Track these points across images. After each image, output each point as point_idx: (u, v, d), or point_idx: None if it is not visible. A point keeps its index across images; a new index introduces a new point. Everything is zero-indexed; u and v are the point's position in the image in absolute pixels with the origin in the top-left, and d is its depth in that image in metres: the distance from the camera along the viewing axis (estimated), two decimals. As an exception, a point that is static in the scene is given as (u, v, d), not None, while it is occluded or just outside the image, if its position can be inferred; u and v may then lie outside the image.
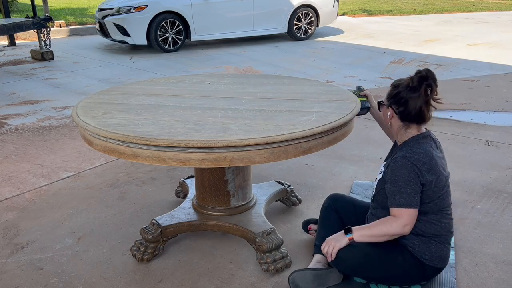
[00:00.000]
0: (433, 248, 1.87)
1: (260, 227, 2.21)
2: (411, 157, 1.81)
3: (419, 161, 1.80)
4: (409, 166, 1.79)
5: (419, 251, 1.87)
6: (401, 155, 1.83)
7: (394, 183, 1.82)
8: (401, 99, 1.86)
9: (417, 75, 1.84)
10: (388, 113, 1.93)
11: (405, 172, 1.80)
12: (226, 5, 8.14)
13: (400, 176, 1.80)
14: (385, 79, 5.90)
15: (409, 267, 1.87)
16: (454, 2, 16.85)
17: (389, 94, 1.92)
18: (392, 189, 1.83)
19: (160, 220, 2.29)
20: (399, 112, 1.88)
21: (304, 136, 1.77)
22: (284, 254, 2.16)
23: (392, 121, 1.93)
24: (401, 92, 1.86)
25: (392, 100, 1.90)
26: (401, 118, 1.89)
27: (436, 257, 1.88)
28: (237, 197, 2.35)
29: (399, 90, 1.87)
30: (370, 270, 1.90)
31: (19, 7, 12.87)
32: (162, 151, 1.71)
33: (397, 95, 1.87)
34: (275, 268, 2.11)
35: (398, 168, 1.82)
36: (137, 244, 2.25)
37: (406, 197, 1.79)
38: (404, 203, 1.80)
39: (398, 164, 1.82)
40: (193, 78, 2.71)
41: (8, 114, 4.58)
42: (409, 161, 1.80)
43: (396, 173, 1.82)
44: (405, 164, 1.81)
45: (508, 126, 4.04)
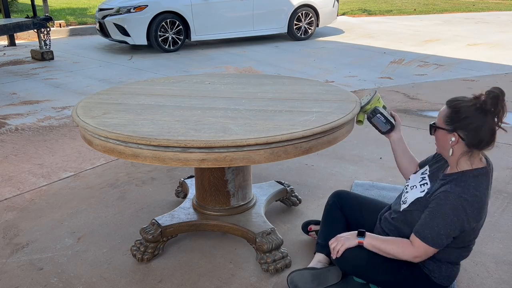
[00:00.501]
0: (443, 268, 1.83)
1: (260, 227, 2.22)
2: (465, 199, 1.63)
3: (472, 206, 1.63)
4: (458, 209, 1.63)
5: (429, 269, 1.83)
6: (456, 193, 1.65)
7: (433, 217, 1.67)
8: (471, 124, 1.63)
9: (490, 95, 1.61)
10: (452, 138, 1.68)
11: (450, 214, 1.64)
12: (226, 5, 8.14)
13: (443, 215, 1.65)
14: (385, 79, 5.90)
15: (413, 279, 1.84)
16: (454, 2, 16.85)
17: (451, 117, 1.68)
18: (427, 220, 1.69)
19: (160, 220, 2.29)
20: (467, 139, 1.66)
21: (304, 136, 1.76)
22: (284, 254, 2.16)
23: (454, 148, 1.71)
24: (470, 117, 1.63)
25: (457, 125, 1.66)
26: (468, 144, 1.67)
27: (445, 276, 1.84)
28: (237, 197, 2.35)
29: (467, 114, 1.64)
30: (372, 274, 1.87)
31: (19, 7, 12.87)
32: (162, 151, 1.71)
33: (465, 120, 1.64)
34: (275, 268, 2.11)
35: (445, 206, 1.65)
36: (137, 244, 2.25)
37: (435, 236, 1.67)
38: (430, 240, 1.68)
39: (448, 202, 1.65)
40: (193, 78, 2.71)
41: (8, 114, 4.58)
42: (461, 205, 1.63)
43: (440, 209, 1.66)
44: (455, 205, 1.63)
45: (508, 126, 4.04)
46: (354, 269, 1.89)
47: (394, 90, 5.33)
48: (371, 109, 2.05)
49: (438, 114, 1.75)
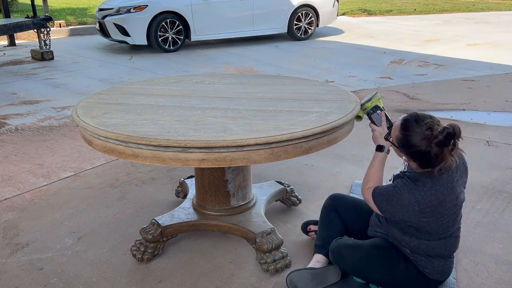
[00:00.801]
0: (435, 263, 1.86)
1: (260, 227, 2.22)
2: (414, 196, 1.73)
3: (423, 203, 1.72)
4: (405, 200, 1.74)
5: (422, 265, 1.86)
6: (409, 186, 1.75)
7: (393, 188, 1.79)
8: (420, 153, 1.72)
9: (443, 132, 1.66)
10: (403, 157, 1.83)
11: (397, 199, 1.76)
12: (226, 5, 8.14)
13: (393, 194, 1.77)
14: (385, 79, 5.90)
15: (410, 276, 1.86)
16: (454, 2, 16.85)
17: (402, 143, 1.77)
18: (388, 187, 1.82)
19: (160, 220, 2.29)
20: (418, 162, 1.76)
21: (304, 136, 1.76)
22: (284, 254, 2.16)
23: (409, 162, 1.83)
24: (420, 147, 1.71)
25: (407, 151, 1.77)
26: (421, 166, 1.77)
27: (439, 271, 1.87)
28: (237, 197, 2.35)
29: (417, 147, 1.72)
30: (370, 271, 1.90)
31: (19, 7, 12.87)
32: (162, 151, 1.71)
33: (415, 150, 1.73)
34: (275, 268, 2.11)
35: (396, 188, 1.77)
36: (137, 244, 2.25)
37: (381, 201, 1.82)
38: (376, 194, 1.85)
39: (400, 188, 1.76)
40: (193, 78, 2.71)
41: (8, 114, 4.58)
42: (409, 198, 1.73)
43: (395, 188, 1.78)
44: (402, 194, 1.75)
45: (508, 126, 4.04)
46: (352, 267, 1.92)
47: (394, 90, 5.33)
48: (371, 106, 2.07)
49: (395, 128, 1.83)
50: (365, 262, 1.88)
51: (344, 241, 1.98)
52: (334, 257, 1.96)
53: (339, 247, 1.94)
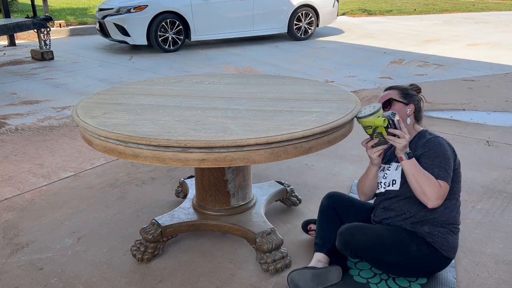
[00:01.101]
0: (450, 239, 1.91)
1: (260, 227, 2.22)
2: (441, 138, 1.95)
3: (448, 145, 1.93)
4: (443, 145, 1.91)
5: (438, 242, 1.90)
6: (432, 137, 1.95)
7: (434, 158, 1.88)
8: (416, 99, 2.05)
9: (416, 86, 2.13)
10: (408, 109, 2.01)
11: (442, 150, 1.89)
12: (226, 5, 8.14)
13: (439, 153, 1.88)
14: (385, 79, 5.90)
15: (422, 257, 1.89)
16: (454, 2, 16.85)
17: (404, 94, 2.05)
18: (431, 162, 1.87)
19: (160, 220, 2.29)
20: (417, 109, 2.04)
21: (304, 136, 1.76)
22: (284, 254, 2.17)
23: (411, 117, 2.02)
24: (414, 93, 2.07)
25: (410, 99, 2.03)
26: (416, 116, 2.05)
27: (452, 248, 1.92)
28: (237, 197, 2.35)
29: (411, 91, 2.07)
30: (381, 252, 1.89)
31: (19, 7, 12.87)
32: (162, 151, 1.71)
33: (413, 96, 2.06)
34: (275, 268, 2.11)
35: (435, 147, 1.90)
36: (137, 244, 2.25)
37: (443, 171, 1.85)
38: (443, 176, 1.85)
39: (435, 143, 1.91)
40: (193, 78, 2.71)
41: (8, 114, 4.58)
42: (441, 142, 1.92)
43: (433, 152, 1.89)
44: (440, 143, 1.91)
45: (508, 126, 4.04)
46: (363, 248, 1.90)
47: (394, 90, 5.33)
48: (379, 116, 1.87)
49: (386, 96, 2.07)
50: (375, 244, 1.89)
51: (354, 224, 1.98)
52: (344, 238, 1.94)
53: (350, 228, 1.94)
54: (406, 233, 1.91)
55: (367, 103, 4.79)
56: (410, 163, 1.85)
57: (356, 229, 1.93)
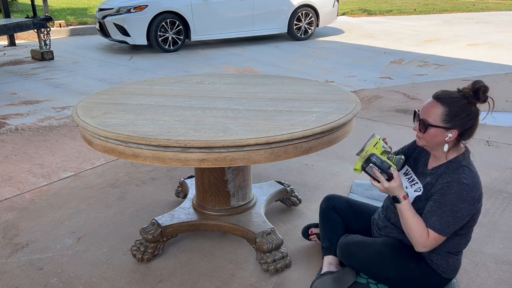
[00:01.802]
0: (450, 261, 1.85)
1: (260, 227, 2.22)
2: (466, 184, 1.67)
3: (474, 187, 1.68)
4: (463, 195, 1.67)
5: (437, 264, 1.84)
6: (456, 180, 1.69)
7: (439, 206, 1.70)
8: (470, 120, 1.69)
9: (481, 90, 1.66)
10: (449, 135, 1.70)
11: (456, 201, 1.67)
12: (226, 5, 8.14)
13: (450, 203, 1.68)
14: (385, 79, 5.90)
15: (421, 275, 1.85)
16: (454, 2, 16.85)
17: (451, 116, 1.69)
18: (434, 210, 1.71)
19: (160, 220, 2.29)
20: (464, 134, 1.72)
21: (304, 136, 1.76)
22: (284, 254, 2.16)
23: (450, 143, 1.74)
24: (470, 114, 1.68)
25: (457, 123, 1.69)
26: (463, 138, 1.73)
27: (452, 269, 1.86)
28: (237, 197, 2.35)
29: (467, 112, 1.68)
30: (379, 268, 1.87)
31: (19, 7, 12.87)
32: (162, 151, 1.71)
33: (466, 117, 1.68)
34: (275, 268, 2.11)
35: (449, 195, 1.68)
36: (137, 244, 2.25)
37: (444, 224, 1.69)
38: (439, 228, 1.70)
39: (452, 191, 1.68)
40: (193, 78, 2.71)
41: (8, 114, 4.58)
42: (464, 190, 1.67)
43: (445, 198, 1.69)
44: (459, 192, 1.67)
45: (508, 126, 4.04)
46: (360, 264, 1.90)
47: (394, 90, 5.33)
48: (366, 156, 1.77)
49: (427, 109, 1.73)
50: (374, 259, 1.86)
51: (353, 237, 1.96)
52: (342, 253, 1.94)
53: (348, 243, 1.93)
54: (406, 249, 1.87)
55: (367, 103, 4.79)
56: (400, 206, 1.76)
57: (354, 245, 1.90)
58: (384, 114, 4.43)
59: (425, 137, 1.76)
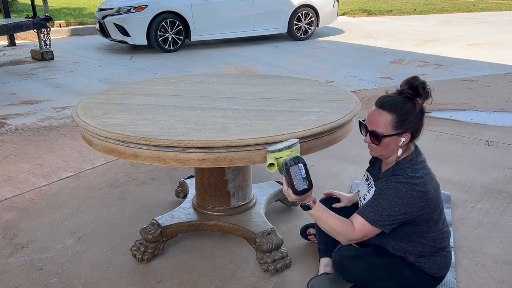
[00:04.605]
0: (438, 260, 1.85)
1: (260, 227, 2.22)
2: (408, 182, 1.68)
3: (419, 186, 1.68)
4: (401, 192, 1.68)
5: (427, 267, 1.84)
6: (396, 179, 1.70)
7: (376, 199, 1.71)
8: (418, 122, 1.71)
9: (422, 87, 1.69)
10: (402, 139, 1.71)
11: (393, 196, 1.68)
12: (226, 5, 8.14)
13: (386, 196, 1.69)
14: (385, 79, 5.90)
15: (418, 281, 1.85)
16: (454, 2, 16.85)
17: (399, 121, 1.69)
18: (371, 201, 1.72)
19: (160, 220, 2.29)
20: (415, 136, 1.74)
21: (304, 136, 1.76)
22: (284, 254, 2.16)
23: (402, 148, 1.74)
24: (416, 117, 1.70)
25: (408, 127, 1.70)
26: (413, 139, 1.74)
27: (442, 267, 1.86)
28: (237, 197, 2.35)
29: (414, 115, 1.69)
30: (376, 281, 1.87)
31: (19, 7, 12.87)
32: (162, 151, 1.71)
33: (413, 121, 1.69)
34: (275, 268, 2.11)
35: (388, 190, 1.70)
36: (137, 244, 2.25)
37: (377, 215, 1.69)
38: (371, 219, 1.69)
39: (391, 186, 1.70)
40: (193, 78, 2.71)
41: (8, 114, 4.58)
42: (404, 188, 1.68)
43: (383, 192, 1.71)
44: (398, 188, 1.68)
45: (508, 126, 4.04)
46: (356, 278, 1.90)
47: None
48: (292, 156, 1.62)
49: (375, 120, 1.71)
50: (369, 272, 1.86)
51: (345, 252, 1.94)
52: (337, 269, 1.94)
53: (341, 258, 1.91)
54: (399, 258, 1.86)
55: (367, 103, 4.79)
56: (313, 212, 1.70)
57: (347, 260, 1.87)
58: (384, 114, 4.42)
59: (379, 148, 1.75)
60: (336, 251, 1.96)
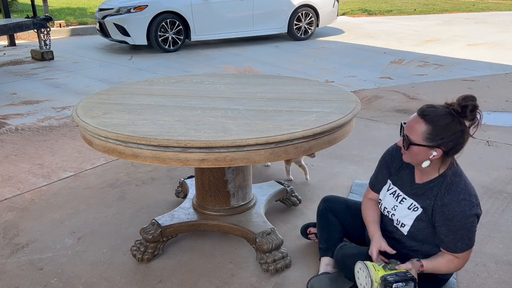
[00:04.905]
0: None
1: (260, 227, 2.22)
2: (464, 199, 1.67)
3: (472, 197, 1.68)
4: (466, 211, 1.66)
5: None
6: (454, 200, 1.68)
7: (455, 232, 1.70)
8: (455, 139, 1.63)
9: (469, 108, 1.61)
10: (434, 153, 1.66)
11: (464, 220, 1.67)
12: (226, 5, 8.14)
13: (461, 225, 1.68)
14: (385, 79, 5.90)
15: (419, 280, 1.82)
16: (454, 2, 16.85)
17: (434, 134, 1.63)
18: (452, 237, 1.71)
19: (160, 220, 2.29)
20: (450, 152, 1.66)
21: (304, 136, 1.76)
22: (284, 254, 2.16)
23: (433, 160, 1.70)
24: (455, 133, 1.62)
25: (441, 142, 1.63)
26: (449, 155, 1.68)
27: None
28: (237, 197, 2.35)
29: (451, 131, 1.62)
30: None
31: (19, 7, 12.87)
32: (162, 151, 1.71)
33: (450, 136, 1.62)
34: (275, 268, 2.11)
35: (456, 218, 1.68)
36: (137, 244, 2.25)
37: (467, 241, 1.71)
38: (466, 247, 1.72)
39: (456, 213, 1.67)
40: (193, 78, 2.71)
41: (8, 114, 4.58)
42: (466, 206, 1.66)
43: (455, 223, 1.69)
44: (462, 210, 1.66)
45: (508, 126, 4.04)
46: None
47: (394, 90, 5.33)
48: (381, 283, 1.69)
49: (411, 126, 1.69)
50: None
51: (347, 249, 1.95)
52: (338, 266, 1.95)
53: (343, 256, 1.92)
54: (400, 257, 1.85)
55: (367, 103, 4.79)
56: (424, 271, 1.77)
57: (349, 258, 1.88)
58: (384, 114, 4.43)
59: (408, 154, 1.74)
60: (338, 249, 1.96)
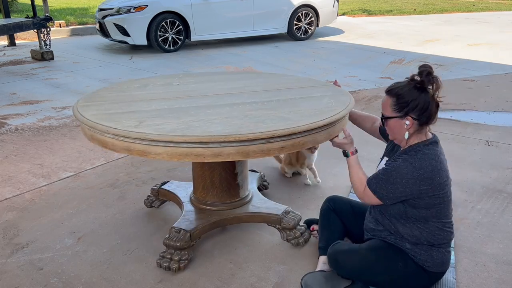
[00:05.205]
0: (434, 255, 1.86)
1: (278, 209, 2.35)
2: (411, 164, 1.77)
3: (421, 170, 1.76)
4: (402, 172, 1.77)
5: (421, 259, 1.85)
6: (403, 159, 1.80)
7: (382, 173, 1.84)
8: (419, 104, 1.76)
9: (424, 74, 1.76)
10: (406, 122, 1.79)
11: (394, 174, 1.79)
12: (226, 5, 8.14)
13: (389, 173, 1.81)
14: (385, 79, 5.90)
15: (410, 273, 1.86)
16: (454, 2, 16.85)
17: (399, 104, 1.79)
18: (377, 174, 1.87)
19: (182, 225, 2.22)
20: (419, 118, 1.78)
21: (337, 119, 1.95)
22: (304, 227, 2.37)
23: (410, 130, 1.81)
24: (416, 98, 1.76)
25: (407, 109, 1.78)
26: (421, 123, 1.79)
27: (438, 263, 1.86)
28: (244, 188, 2.44)
29: (412, 97, 1.76)
30: (370, 274, 1.89)
31: (19, 7, 12.87)
32: (246, 146, 1.78)
33: (412, 102, 1.76)
34: (304, 240, 2.32)
35: (392, 167, 1.81)
36: (166, 256, 2.15)
37: (378, 186, 1.83)
38: (373, 187, 1.85)
39: (395, 165, 1.80)
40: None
41: (8, 114, 4.58)
42: (405, 168, 1.77)
43: (389, 169, 1.81)
44: (400, 167, 1.78)
45: (508, 126, 4.04)
46: (349, 272, 1.92)
47: (394, 90, 5.32)
48: None
49: (383, 104, 1.86)
50: (362, 265, 1.88)
51: (339, 246, 1.97)
52: (331, 264, 1.97)
53: (334, 253, 1.94)
54: (392, 250, 1.88)
55: (367, 103, 4.79)
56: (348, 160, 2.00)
57: (340, 255, 1.91)
58: (384, 114, 4.42)
59: (388, 130, 1.88)
60: (331, 247, 1.98)
